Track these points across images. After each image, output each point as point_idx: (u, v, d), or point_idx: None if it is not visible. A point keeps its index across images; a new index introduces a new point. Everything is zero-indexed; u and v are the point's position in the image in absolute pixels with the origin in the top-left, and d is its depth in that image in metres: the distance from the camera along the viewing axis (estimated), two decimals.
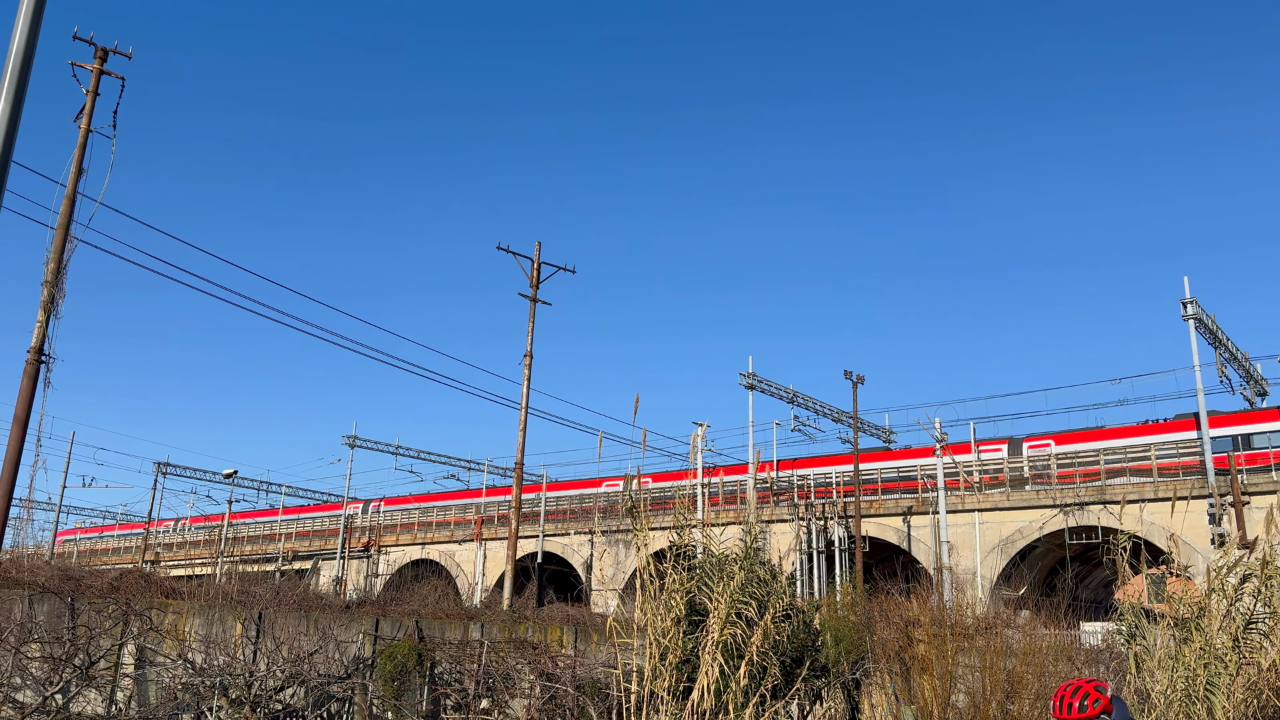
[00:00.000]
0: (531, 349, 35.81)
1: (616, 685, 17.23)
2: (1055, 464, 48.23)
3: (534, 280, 36.15)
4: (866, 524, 49.44)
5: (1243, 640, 16.98)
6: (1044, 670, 19.30)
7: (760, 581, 17.03)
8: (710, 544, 17.80)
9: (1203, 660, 15.90)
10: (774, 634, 15.64)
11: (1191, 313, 43.45)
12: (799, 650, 16.55)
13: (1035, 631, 21.67)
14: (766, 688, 14.54)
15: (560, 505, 65.57)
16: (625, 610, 32.92)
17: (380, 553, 69.62)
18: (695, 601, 16.20)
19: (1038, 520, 45.45)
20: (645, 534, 16.99)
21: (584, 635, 21.84)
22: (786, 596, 16.75)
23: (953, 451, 50.68)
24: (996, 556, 46.12)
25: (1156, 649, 16.93)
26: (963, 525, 47.24)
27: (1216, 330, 46.38)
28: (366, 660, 19.09)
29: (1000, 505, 46.82)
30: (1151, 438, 46.57)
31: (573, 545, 60.68)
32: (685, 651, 15.62)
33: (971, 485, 49.34)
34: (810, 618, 19.18)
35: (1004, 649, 19.49)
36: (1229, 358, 48.04)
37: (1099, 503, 43.59)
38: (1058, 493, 45.41)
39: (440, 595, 31.25)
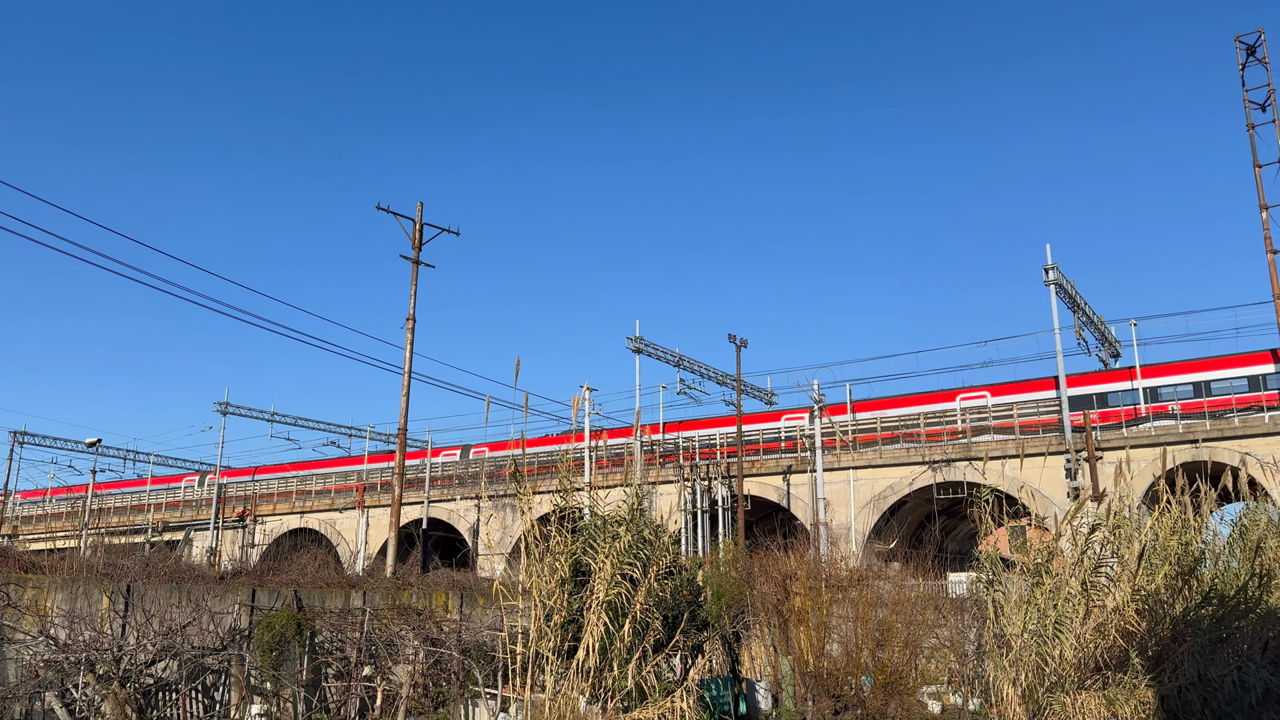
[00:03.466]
0: (414, 312, 35.15)
1: (502, 647, 17.37)
2: (924, 422, 50.37)
3: (416, 242, 35.39)
4: (748, 483, 50.73)
5: (1091, 584, 18.27)
6: (913, 619, 20.32)
7: (645, 542, 17.36)
8: (596, 506, 18.02)
9: (1053, 601, 17.04)
10: (658, 592, 16.00)
11: (1053, 278, 45.83)
12: (682, 606, 16.98)
13: (905, 582, 22.75)
14: (649, 643, 14.88)
15: (446, 471, 64.89)
16: (511, 574, 33.08)
17: (257, 522, 67.62)
18: (580, 563, 16.41)
19: (908, 477, 47.51)
20: (530, 498, 17.07)
21: (470, 600, 21.81)
22: (670, 555, 17.15)
23: (830, 412, 52.35)
24: (870, 512, 48.06)
25: (1013, 594, 18.05)
26: (839, 483, 48.99)
27: (1075, 295, 49.08)
28: (243, 631, 18.62)
29: (874, 463, 48.70)
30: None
31: (459, 511, 60.26)
32: (570, 612, 15.83)
33: (847, 444, 51.13)
34: (693, 575, 19.68)
35: (875, 600, 20.41)
36: (1086, 321, 50.96)
37: (965, 459, 45.84)
38: (927, 450, 47.52)
39: (321, 564, 30.63)
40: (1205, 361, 45.48)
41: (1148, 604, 18.18)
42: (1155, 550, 19.63)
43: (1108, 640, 17.66)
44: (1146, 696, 15.98)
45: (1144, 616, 18.05)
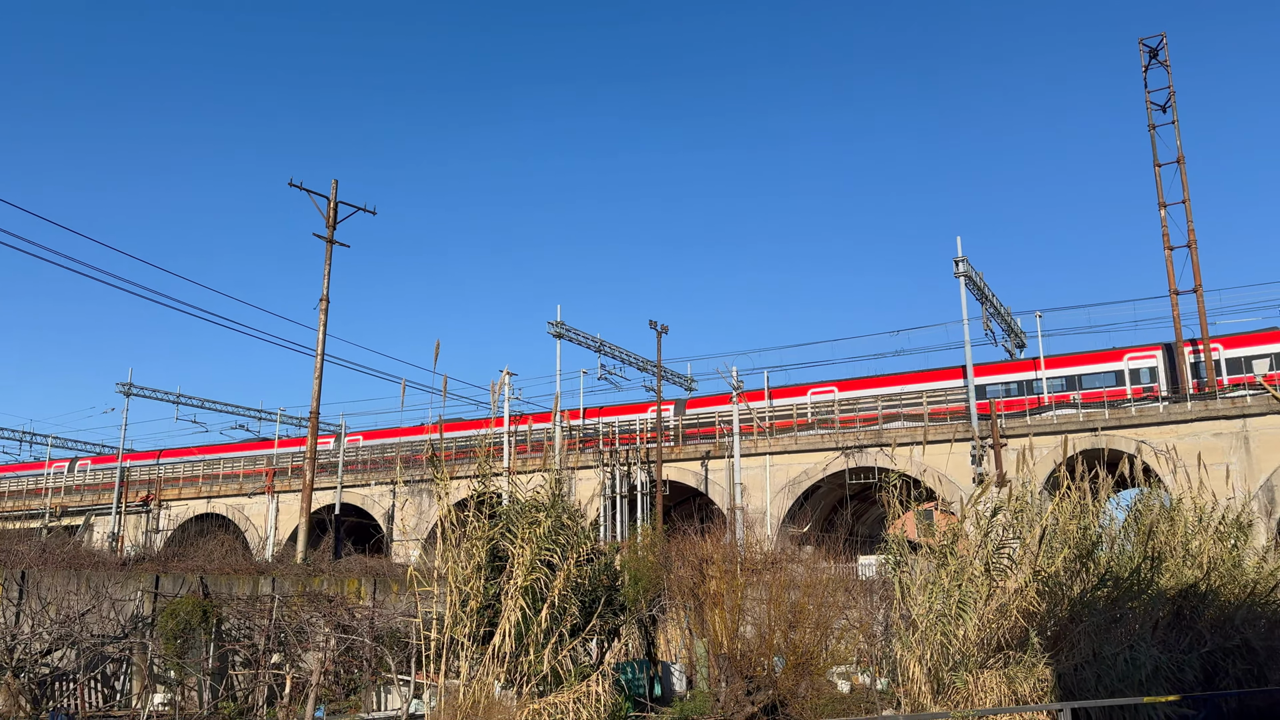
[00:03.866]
0: (328, 293, 34.35)
1: (416, 634, 17.18)
2: (839, 409, 51.39)
3: (330, 220, 34.55)
4: (668, 469, 51.07)
5: (994, 566, 18.90)
6: (824, 601, 20.73)
7: (565, 527, 17.34)
8: (515, 492, 17.91)
9: (957, 583, 17.57)
10: (576, 577, 16.01)
11: (963, 270, 47.13)
12: (599, 591, 17.02)
13: (817, 565, 23.20)
14: (566, 628, 14.89)
15: (360, 455, 63.73)
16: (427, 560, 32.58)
17: (162, 507, 65.44)
18: (499, 548, 16.31)
19: (822, 462, 48.45)
20: (447, 483, 16.88)
21: (383, 586, 21.51)
22: (590, 541, 17.16)
23: (748, 398, 53.00)
24: (785, 496, 48.88)
25: (919, 576, 18.56)
26: (755, 468, 49.68)
27: (984, 287, 50.58)
28: (146, 619, 18.03)
29: (790, 449, 49.51)
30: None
31: (373, 496, 59.28)
32: (487, 597, 15.74)
33: (765, 431, 51.86)
34: (611, 560, 19.75)
35: (789, 583, 20.76)
36: (994, 313, 52.58)
37: (876, 445, 46.94)
38: (840, 437, 48.51)
39: (228, 550, 29.80)
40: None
41: (1047, 585, 18.88)
42: (1055, 534, 20.39)
43: (1009, 620, 18.29)
44: (1045, 674, 16.60)
45: (1044, 597, 18.74)
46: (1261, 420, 40.09)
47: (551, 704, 13.70)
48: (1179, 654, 19.32)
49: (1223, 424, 40.70)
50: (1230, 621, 21.64)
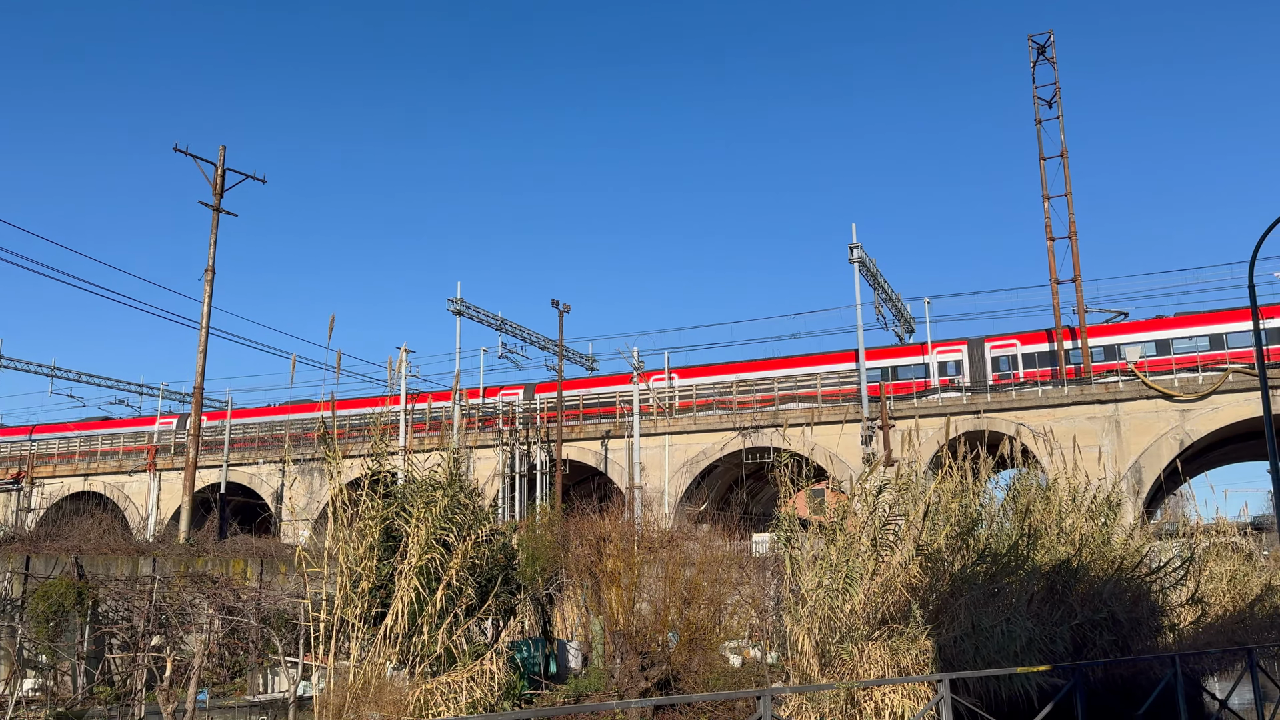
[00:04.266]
0: (214, 263, 33.03)
1: (305, 615, 16.78)
2: (737, 390, 52.20)
3: (217, 188, 33.18)
4: (568, 448, 51.03)
5: (880, 542, 19.54)
6: (718, 577, 21.09)
7: (462, 506, 17.18)
8: (412, 471, 17.63)
9: (845, 558, 18.11)
10: (473, 557, 15.88)
11: (857, 256, 48.27)
12: (496, 570, 16.93)
13: (712, 543, 23.58)
14: (461, 608, 14.78)
15: (248, 433, 61.71)
16: (318, 540, 31.85)
17: (34, 485, 62.16)
18: (393, 528, 16.04)
19: (720, 442, 49.16)
20: (340, 461, 16.52)
21: (271, 567, 20.94)
22: (489, 522, 17.03)
23: (648, 378, 53.33)
24: (683, 476, 49.45)
25: (809, 552, 19.05)
26: (655, 447, 50.09)
27: (877, 274, 51.92)
28: (15, 601, 17.14)
29: (689, 429, 50.07)
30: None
31: (261, 475, 57.54)
32: (380, 578, 15.48)
33: (665, 410, 52.29)
34: (509, 539, 19.66)
35: (685, 560, 21.04)
36: (885, 298, 54.05)
37: (771, 425, 47.87)
38: (738, 417, 49.29)
39: (106, 530, 28.52)
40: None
41: (930, 561, 19.62)
42: (938, 511, 21.21)
43: (894, 594, 18.95)
44: (926, 646, 17.25)
45: (926, 572, 19.48)
46: (1132, 405, 42.39)
47: (445, 684, 13.58)
48: (1051, 626, 20.35)
49: (1096, 408, 42.88)
50: (1099, 595, 22.89)
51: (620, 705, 7.11)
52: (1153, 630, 24.37)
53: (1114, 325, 46.91)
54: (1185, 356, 44.11)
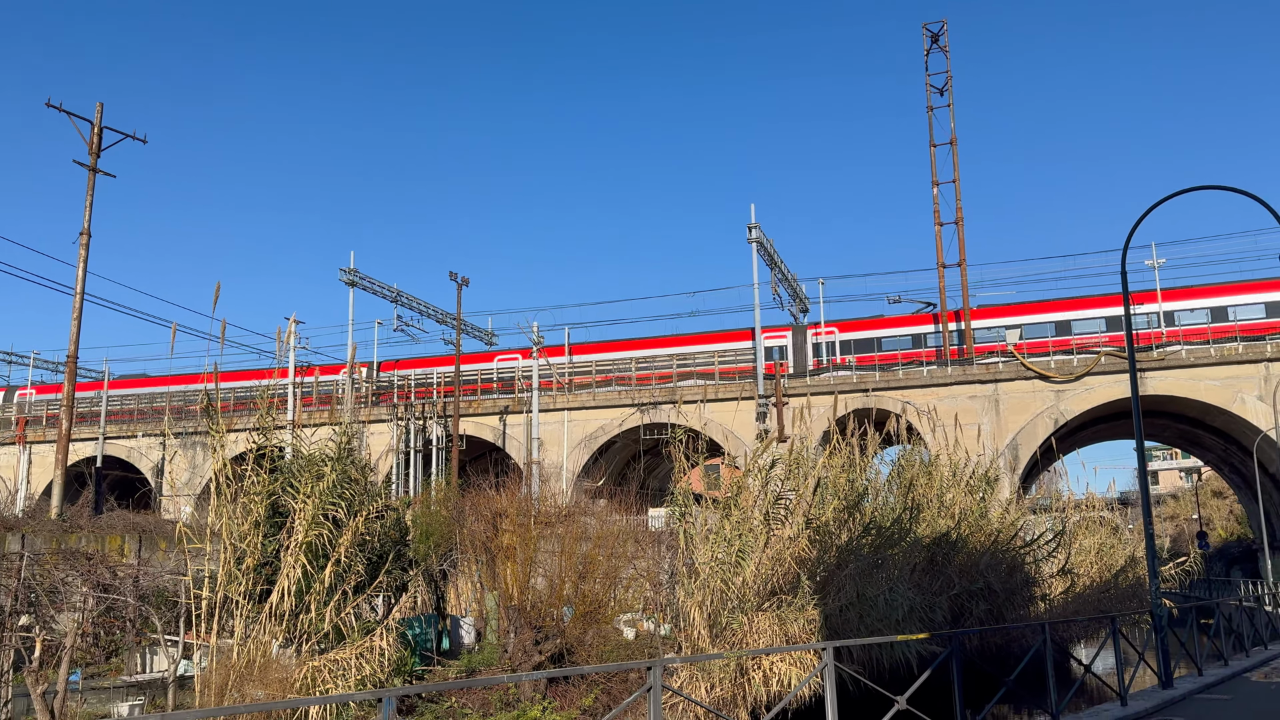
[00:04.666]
0: (90, 226, 31.37)
1: (187, 593, 16.24)
2: (636, 367, 52.45)
3: (94, 147, 31.46)
4: (465, 423, 50.46)
5: (772, 516, 20.02)
6: (614, 552, 21.26)
7: (352, 482, 16.84)
8: (300, 445, 17.19)
9: (738, 532, 18.49)
10: (363, 533, 15.61)
11: (755, 236, 48.94)
12: (388, 547, 16.68)
13: (609, 518, 23.72)
14: (350, 585, 14.53)
15: (126, 404, 59.04)
16: (201, 516, 30.89)
17: None
18: (279, 504, 15.64)
19: (618, 418, 49.38)
20: (223, 435, 16.01)
21: (151, 543, 20.16)
22: (381, 497, 16.75)
23: (548, 354, 53.10)
24: (582, 451, 49.53)
25: (703, 526, 19.37)
26: (553, 423, 49.99)
27: (774, 254, 52.76)
28: None
29: (587, 405, 50.12)
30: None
31: (141, 448, 55.18)
32: (266, 554, 15.09)
33: (564, 386, 52.20)
34: (402, 515, 19.39)
35: (581, 534, 21.13)
36: (781, 278, 54.99)
37: (669, 402, 48.30)
38: (636, 393, 49.58)
39: None
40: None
41: (819, 534, 20.21)
42: (827, 486, 21.84)
43: (784, 567, 19.46)
44: (813, 616, 17.79)
45: (815, 545, 20.06)
46: (1011, 385, 44.29)
47: (332, 660, 13.35)
48: (931, 596, 21.24)
49: (978, 388, 44.66)
50: (976, 566, 23.97)
51: (512, 679, 7.12)
52: (1026, 600, 25.67)
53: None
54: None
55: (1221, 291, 45.33)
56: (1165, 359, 42.58)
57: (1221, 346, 42.36)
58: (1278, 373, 40.55)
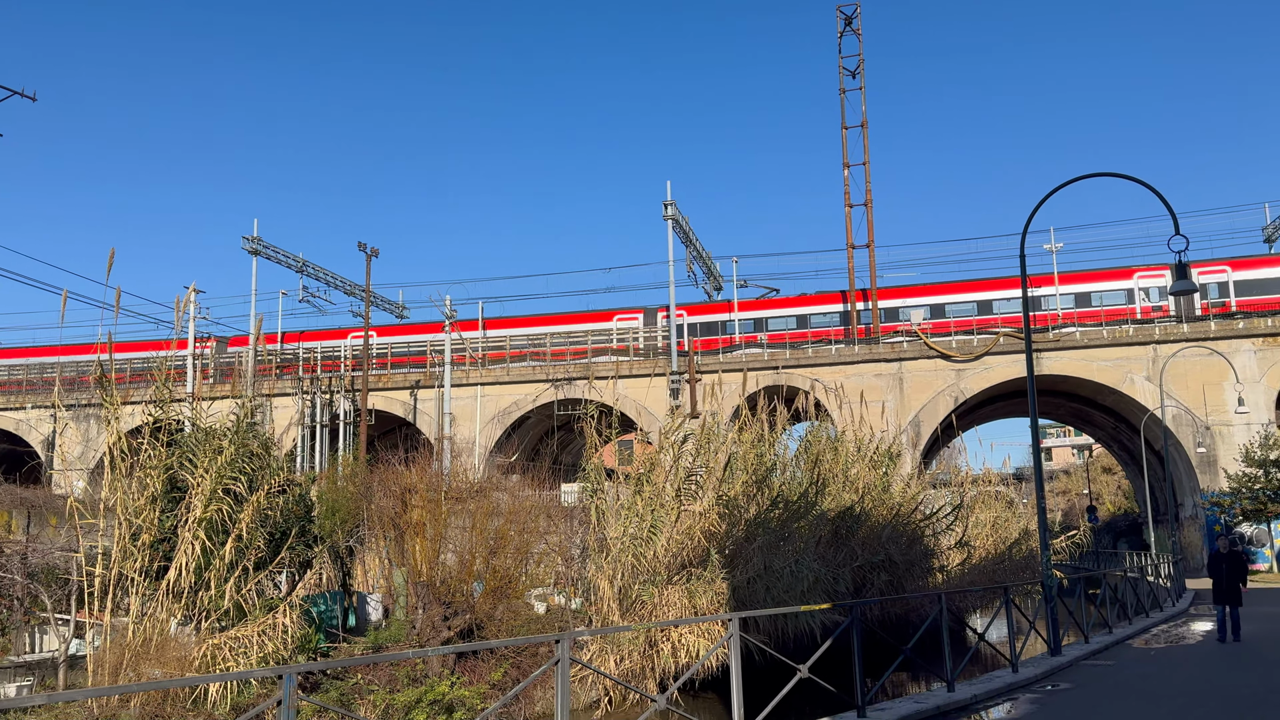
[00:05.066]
0: None
1: (78, 570, 15.65)
2: (551, 342, 52.26)
3: None
4: (374, 398, 49.59)
5: (683, 491, 20.25)
6: (525, 527, 21.20)
7: (254, 456, 16.42)
8: (199, 418, 16.67)
9: (650, 507, 18.67)
10: (265, 508, 15.24)
11: (670, 214, 49.12)
12: (291, 522, 16.32)
13: (521, 493, 23.63)
14: (251, 561, 14.18)
15: (14, 375, 56.28)
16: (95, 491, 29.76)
17: None
18: (177, 479, 15.18)
19: (533, 393, 49.18)
20: (118, 407, 15.44)
21: (40, 519, 19.33)
22: (283, 471, 16.35)
23: (461, 328, 52.46)
24: (495, 426, 49.20)
25: (615, 502, 19.49)
26: (466, 398, 49.51)
27: (689, 231, 53.05)
28: None
29: (501, 380, 49.77)
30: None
31: (30, 420, 52.73)
32: (163, 530, 14.63)
33: (477, 361, 51.67)
34: (306, 491, 18.97)
35: (492, 510, 20.99)
36: (696, 256, 55.37)
37: (583, 378, 48.32)
38: (551, 369, 49.43)
39: None
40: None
41: (728, 508, 20.54)
42: (737, 461, 22.19)
43: (694, 540, 19.73)
44: (721, 588, 18.10)
45: (725, 519, 20.38)
46: (914, 364, 45.57)
47: (233, 638, 13.04)
48: (836, 568, 21.81)
49: (883, 366, 45.84)
50: (879, 539, 24.69)
51: (418, 654, 7.07)
52: (925, 571, 26.57)
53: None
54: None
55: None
56: (1060, 340, 44.35)
57: (1113, 329, 44.31)
58: (1166, 354, 42.62)
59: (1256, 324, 42.37)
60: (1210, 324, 42.97)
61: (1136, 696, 12.20)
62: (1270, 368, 41.99)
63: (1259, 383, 41.92)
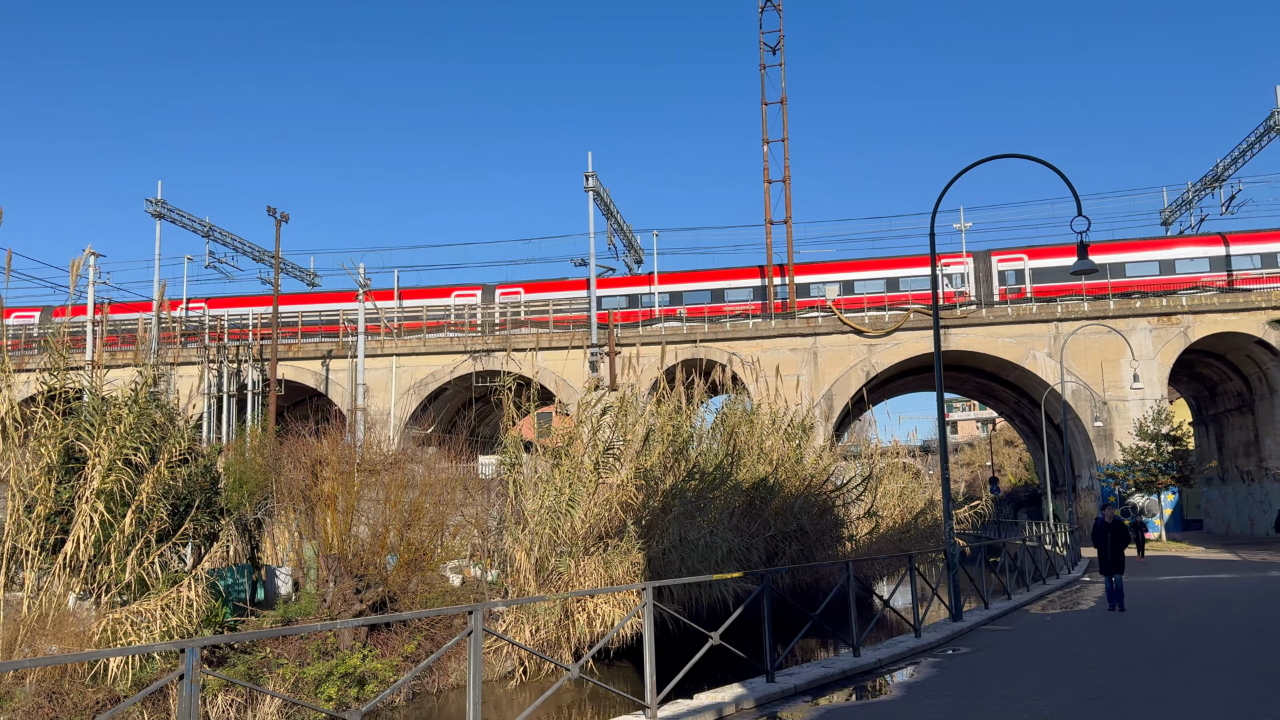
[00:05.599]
0: None
1: None
2: (469, 313, 51.65)
3: None
4: (284, 367, 48.38)
5: (602, 463, 20.32)
6: (441, 499, 21.02)
7: (156, 426, 15.91)
8: (98, 386, 16.08)
9: (568, 480, 18.69)
10: (168, 479, 14.80)
11: (592, 185, 48.85)
12: (196, 494, 15.88)
13: (437, 465, 23.40)
14: (153, 533, 13.77)
15: None
16: None
17: None
18: (74, 449, 14.63)
19: (450, 365, 48.61)
20: (10, 375, 14.80)
21: None
22: (185, 441, 15.86)
23: (376, 297, 51.45)
24: (411, 398, 48.52)
25: (534, 475, 19.46)
26: (381, 369, 48.67)
27: (610, 204, 52.87)
28: None
29: (417, 351, 49.04)
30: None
31: None
32: (60, 502, 14.11)
33: (392, 331, 50.79)
34: (212, 462, 18.46)
35: (407, 482, 20.75)
36: (617, 228, 55.26)
37: (501, 350, 47.95)
38: (469, 340, 48.90)
39: None
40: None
41: (645, 480, 20.70)
42: (655, 434, 22.35)
43: (611, 512, 19.85)
44: (637, 559, 18.27)
45: (642, 490, 20.54)
46: (828, 338, 46.43)
47: (135, 612, 12.67)
48: (749, 538, 22.20)
49: (798, 340, 46.59)
50: (791, 509, 25.20)
51: (326, 626, 6.96)
52: (834, 540, 27.23)
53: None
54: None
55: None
56: (968, 317, 45.68)
57: (1018, 306, 45.81)
58: (1067, 332, 44.27)
59: (1153, 303, 44.29)
60: (1109, 303, 44.77)
61: (1031, 659, 12.76)
62: (1164, 345, 44.01)
63: (1153, 360, 43.91)
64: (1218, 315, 43.64)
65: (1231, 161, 48.24)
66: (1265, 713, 8.91)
